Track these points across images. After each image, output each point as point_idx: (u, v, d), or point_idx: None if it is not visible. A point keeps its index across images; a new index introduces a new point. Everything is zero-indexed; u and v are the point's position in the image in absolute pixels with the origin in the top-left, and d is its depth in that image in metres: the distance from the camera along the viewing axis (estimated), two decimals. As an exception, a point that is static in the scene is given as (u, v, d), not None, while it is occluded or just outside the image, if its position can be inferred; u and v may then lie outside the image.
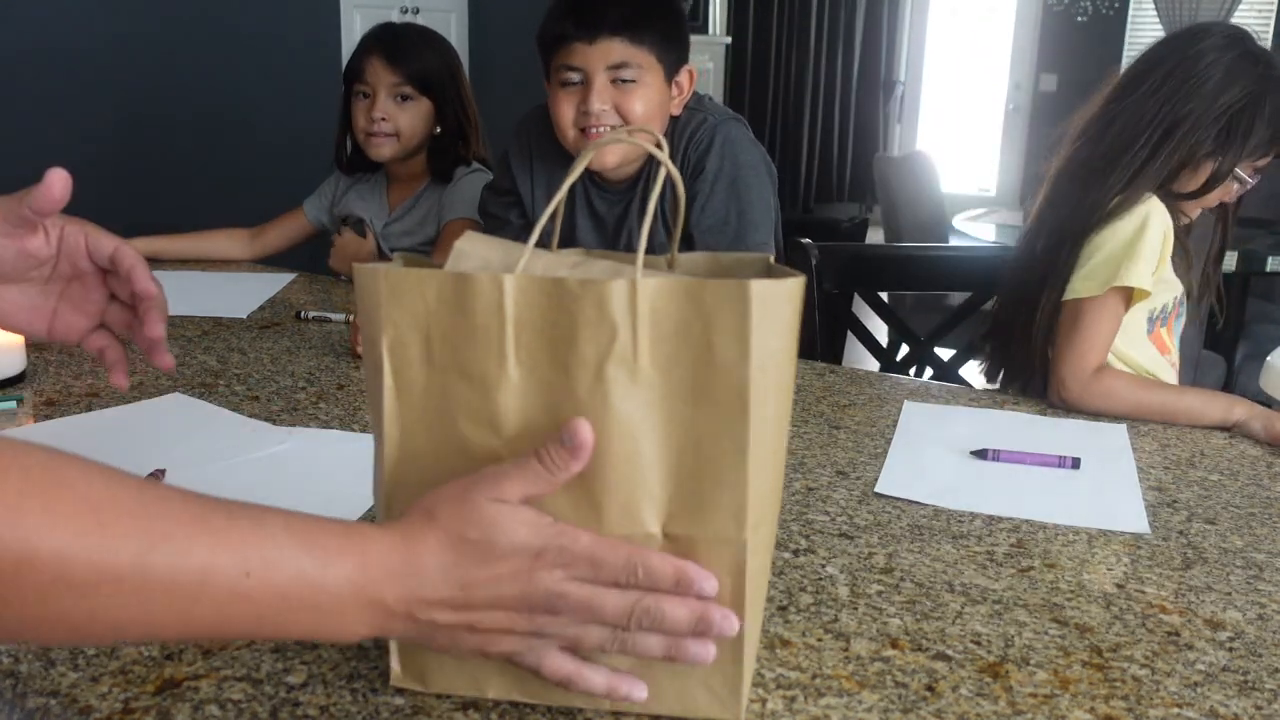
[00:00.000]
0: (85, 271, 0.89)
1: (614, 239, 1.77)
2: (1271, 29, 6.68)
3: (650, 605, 0.63)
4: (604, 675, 0.66)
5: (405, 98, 2.09)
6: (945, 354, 1.95)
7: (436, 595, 0.62)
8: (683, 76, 1.70)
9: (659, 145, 0.71)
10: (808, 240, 1.84)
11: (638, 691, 0.67)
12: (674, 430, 0.67)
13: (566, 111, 1.65)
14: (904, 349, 1.99)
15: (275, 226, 2.32)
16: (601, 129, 1.63)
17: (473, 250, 0.72)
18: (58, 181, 0.80)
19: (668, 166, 0.70)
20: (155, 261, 2.17)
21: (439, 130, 2.16)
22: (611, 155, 1.68)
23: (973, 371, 1.83)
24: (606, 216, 1.78)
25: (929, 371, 1.96)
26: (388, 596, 0.61)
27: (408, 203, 2.20)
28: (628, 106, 1.63)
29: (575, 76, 1.63)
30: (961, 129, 8.03)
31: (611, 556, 0.63)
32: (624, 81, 1.62)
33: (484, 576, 0.62)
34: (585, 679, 0.66)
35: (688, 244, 1.68)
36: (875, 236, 6.85)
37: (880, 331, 2.01)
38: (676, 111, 1.72)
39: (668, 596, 0.64)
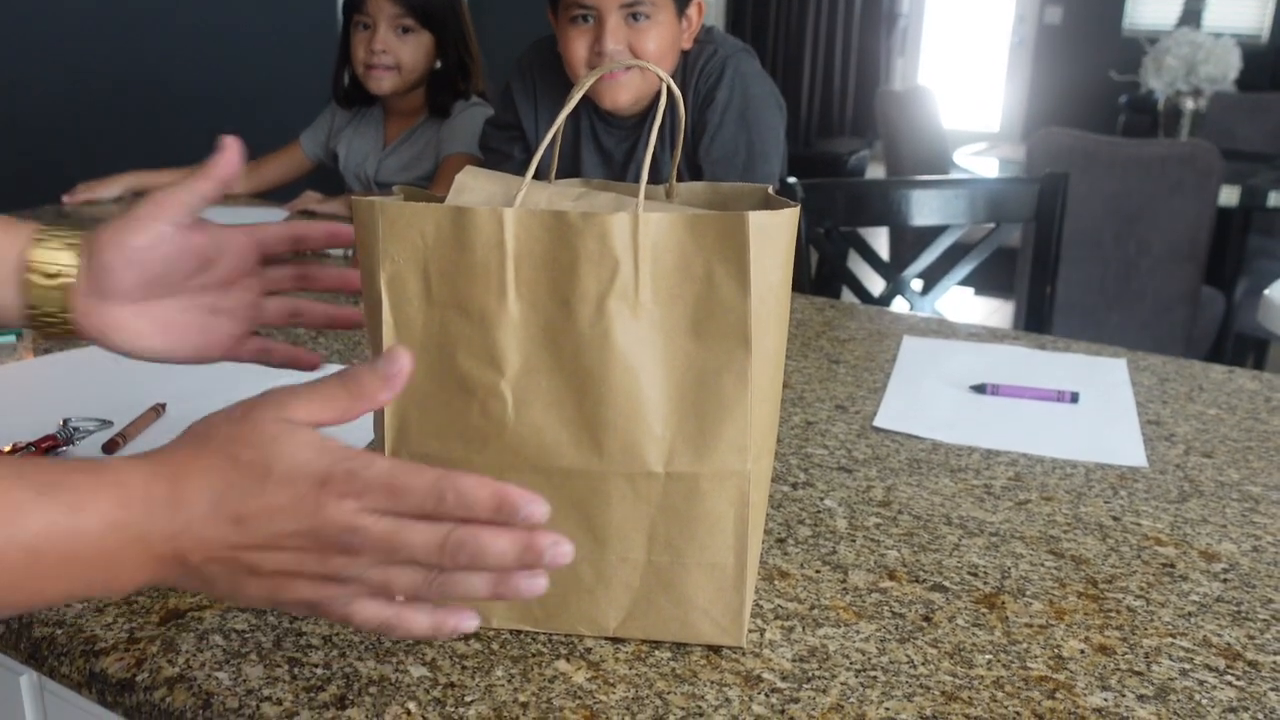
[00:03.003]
0: (242, 272, 0.78)
1: (621, 174, 1.76)
2: (1270, 15, 6.57)
3: (465, 537, 0.52)
4: (428, 614, 0.56)
5: (406, 30, 2.06)
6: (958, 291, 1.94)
7: (206, 532, 0.53)
8: (692, 10, 1.68)
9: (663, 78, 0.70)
10: (793, 179, 1.83)
11: (467, 622, 0.56)
12: (675, 364, 0.67)
13: (578, 50, 1.62)
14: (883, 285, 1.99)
15: (272, 161, 2.30)
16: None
17: (474, 184, 0.71)
18: (234, 149, 0.70)
19: (671, 88, 0.70)
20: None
21: (439, 65, 2.13)
22: (625, 94, 1.66)
23: (949, 304, 1.84)
24: (614, 151, 1.77)
25: (904, 305, 1.97)
26: (153, 533, 0.52)
27: (403, 136, 2.18)
28: (641, 45, 1.60)
29: (586, 14, 1.61)
30: (964, 63, 7.94)
31: (415, 482, 0.53)
32: (636, 19, 1.60)
33: (259, 507, 0.52)
34: (406, 622, 0.55)
35: (696, 175, 1.67)
36: (876, 172, 6.81)
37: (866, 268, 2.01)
38: (687, 45, 1.70)
39: (486, 527, 0.53)
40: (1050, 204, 1.86)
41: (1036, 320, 1.92)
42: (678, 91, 0.71)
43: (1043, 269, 1.91)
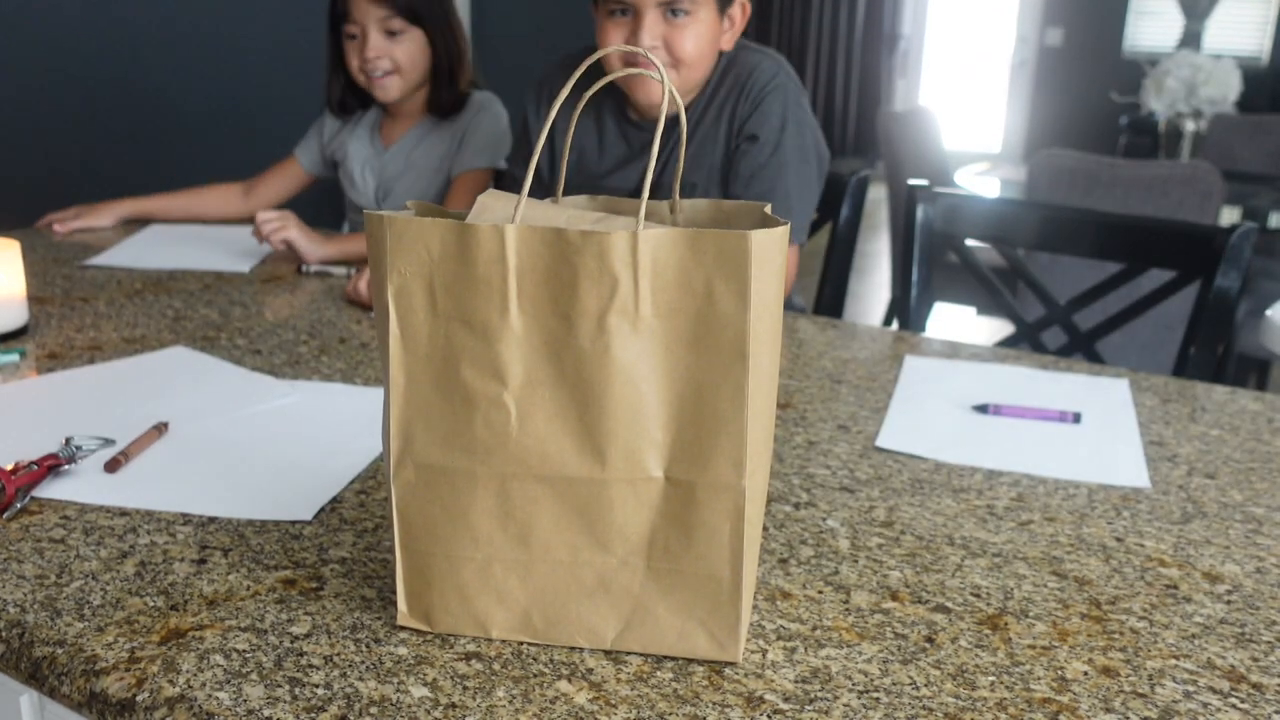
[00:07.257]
0: None
1: (645, 174, 1.73)
2: (1270, 37, 6.60)
3: None
4: None
5: (395, 32, 2.04)
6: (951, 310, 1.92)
7: None
8: (735, 9, 1.64)
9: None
10: (923, 181, 1.77)
11: None
12: (675, 376, 0.68)
13: (612, 44, 1.60)
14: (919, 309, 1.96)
15: (269, 178, 2.28)
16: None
17: (495, 205, 0.72)
18: None
19: (679, 117, 0.70)
20: (150, 220, 2.15)
21: (439, 62, 2.10)
22: (659, 91, 1.61)
23: (948, 324, 1.80)
24: (640, 151, 1.73)
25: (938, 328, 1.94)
26: None
27: (401, 141, 2.16)
28: (678, 42, 1.57)
29: (624, 8, 1.57)
30: (966, 84, 7.97)
31: None
32: (675, 14, 1.56)
33: None
34: None
35: (725, 178, 1.65)
36: (878, 193, 6.82)
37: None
38: (727, 46, 1.67)
39: None
40: (1237, 260, 1.61)
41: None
42: (682, 106, 0.72)
43: (1212, 331, 1.65)
